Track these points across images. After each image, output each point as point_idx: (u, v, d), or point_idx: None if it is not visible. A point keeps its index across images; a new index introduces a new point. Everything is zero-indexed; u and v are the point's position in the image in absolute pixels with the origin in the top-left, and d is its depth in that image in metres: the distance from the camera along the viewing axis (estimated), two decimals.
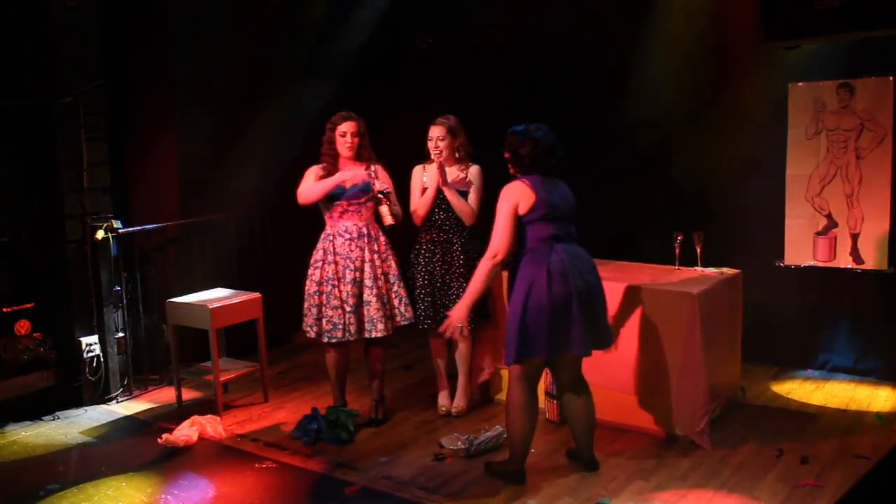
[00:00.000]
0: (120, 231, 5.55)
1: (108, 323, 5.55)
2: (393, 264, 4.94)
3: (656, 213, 6.10)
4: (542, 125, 4.18)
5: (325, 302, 4.83)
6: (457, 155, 4.97)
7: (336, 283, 4.81)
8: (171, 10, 5.88)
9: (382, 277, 4.86)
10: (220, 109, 6.16)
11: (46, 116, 5.31)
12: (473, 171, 4.98)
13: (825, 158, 5.65)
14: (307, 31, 6.68)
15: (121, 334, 5.62)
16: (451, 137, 4.93)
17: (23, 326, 5.42)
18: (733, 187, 6.00)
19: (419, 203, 4.98)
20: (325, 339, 4.85)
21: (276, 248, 6.80)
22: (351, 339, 4.82)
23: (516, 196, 4.03)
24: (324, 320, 4.84)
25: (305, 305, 4.92)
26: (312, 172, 4.92)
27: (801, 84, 5.69)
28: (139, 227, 5.84)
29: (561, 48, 6.60)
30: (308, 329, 4.91)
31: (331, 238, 4.87)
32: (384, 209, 4.71)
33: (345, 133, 4.83)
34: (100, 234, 5.44)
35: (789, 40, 5.46)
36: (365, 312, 4.82)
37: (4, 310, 5.38)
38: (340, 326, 4.80)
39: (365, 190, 4.83)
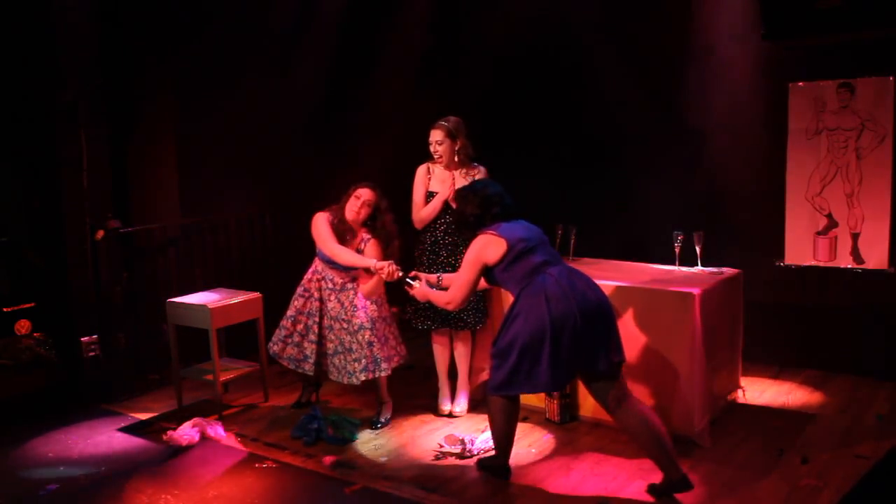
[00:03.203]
0: (120, 231, 5.55)
1: (108, 323, 5.55)
2: (365, 314, 4.83)
3: (656, 213, 6.10)
4: (486, 179, 4.41)
5: (302, 332, 4.98)
6: (457, 159, 4.95)
7: (318, 319, 4.95)
8: (172, 10, 5.88)
9: (356, 328, 4.83)
10: (221, 109, 6.16)
11: (46, 116, 5.31)
12: (479, 175, 4.94)
13: (825, 158, 5.65)
14: (309, 31, 6.68)
15: (121, 334, 5.62)
16: (451, 141, 4.90)
17: (23, 326, 5.42)
18: (733, 187, 6.00)
19: (424, 212, 4.96)
20: (293, 367, 5.04)
21: (277, 248, 6.79)
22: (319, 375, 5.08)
23: (485, 250, 4.08)
24: (295, 349, 5.00)
25: (282, 322, 5.06)
26: (325, 222, 4.84)
27: (801, 84, 5.69)
28: (139, 227, 5.84)
29: (563, 51, 6.61)
30: (273, 344, 5.06)
31: (319, 277, 4.98)
32: (408, 288, 4.47)
33: (359, 197, 4.84)
34: (100, 234, 5.44)
35: (789, 40, 5.45)
36: (337, 360, 4.92)
37: (4, 310, 5.38)
38: (312, 360, 4.96)
39: (366, 270, 4.77)
